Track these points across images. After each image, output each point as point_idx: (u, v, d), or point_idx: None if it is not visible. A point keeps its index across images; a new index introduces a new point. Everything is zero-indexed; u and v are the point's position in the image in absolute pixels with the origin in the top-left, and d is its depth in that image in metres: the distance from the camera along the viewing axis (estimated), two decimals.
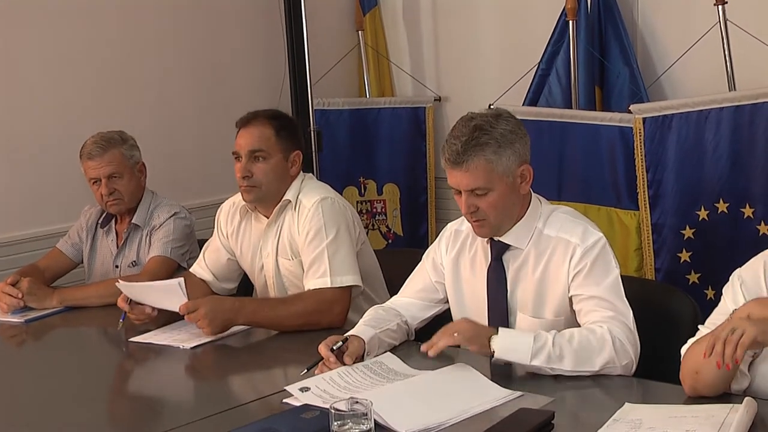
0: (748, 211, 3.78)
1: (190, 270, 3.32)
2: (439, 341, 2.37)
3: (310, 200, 3.04)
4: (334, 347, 2.46)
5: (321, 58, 4.94)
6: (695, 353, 2.12)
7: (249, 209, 3.19)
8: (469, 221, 2.54)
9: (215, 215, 3.35)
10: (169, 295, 2.91)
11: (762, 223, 3.76)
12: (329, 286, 2.95)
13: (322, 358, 2.45)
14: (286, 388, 2.30)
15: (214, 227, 3.33)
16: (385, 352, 2.57)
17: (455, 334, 2.36)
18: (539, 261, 2.53)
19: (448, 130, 2.54)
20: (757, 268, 2.20)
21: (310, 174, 3.24)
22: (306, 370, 2.43)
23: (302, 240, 3.03)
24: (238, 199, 3.23)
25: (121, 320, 3.03)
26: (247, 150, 3.04)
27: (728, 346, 1.96)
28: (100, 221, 3.63)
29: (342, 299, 2.96)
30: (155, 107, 4.55)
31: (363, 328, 2.60)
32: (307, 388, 2.29)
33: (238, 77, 4.85)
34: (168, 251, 3.46)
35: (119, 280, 3.08)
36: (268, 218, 3.14)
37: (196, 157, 4.71)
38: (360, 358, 2.50)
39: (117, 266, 3.57)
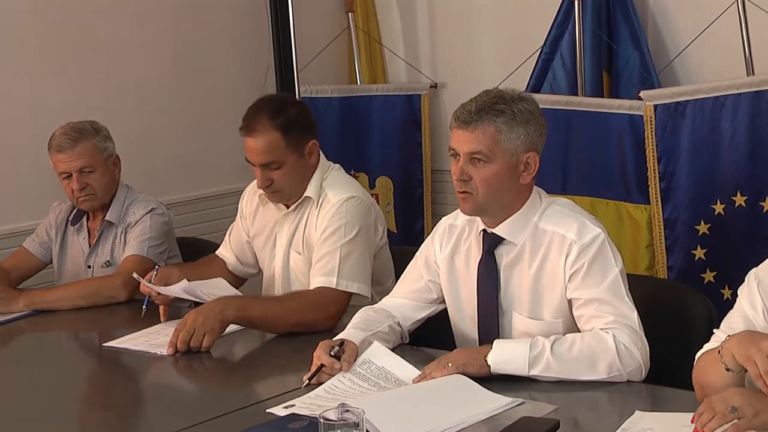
0: (767, 205, 3.78)
1: (216, 253, 3.40)
2: (432, 373, 2.37)
3: (337, 196, 3.09)
4: (332, 353, 2.45)
5: (308, 42, 4.92)
6: (699, 367, 2.13)
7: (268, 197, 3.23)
8: (456, 191, 2.53)
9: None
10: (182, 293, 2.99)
11: None
12: (333, 286, 2.98)
13: (321, 366, 2.44)
14: (270, 410, 2.27)
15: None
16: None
17: (449, 365, 2.37)
18: (534, 257, 2.53)
19: (444, 119, 2.56)
20: None
21: (338, 165, 3.26)
22: (308, 382, 2.41)
23: (318, 234, 3.07)
24: None
25: (144, 306, 3.07)
26: (258, 163, 3.06)
27: (717, 421, 1.85)
28: (70, 218, 3.62)
29: (340, 302, 2.98)
30: (129, 96, 4.53)
31: (352, 331, 2.59)
32: (292, 405, 2.28)
33: (220, 63, 4.84)
34: (144, 250, 3.46)
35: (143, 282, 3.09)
36: (288, 207, 3.17)
37: (174, 149, 4.69)
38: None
39: (89, 266, 3.56)
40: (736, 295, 2.26)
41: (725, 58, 4.04)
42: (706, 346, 2.20)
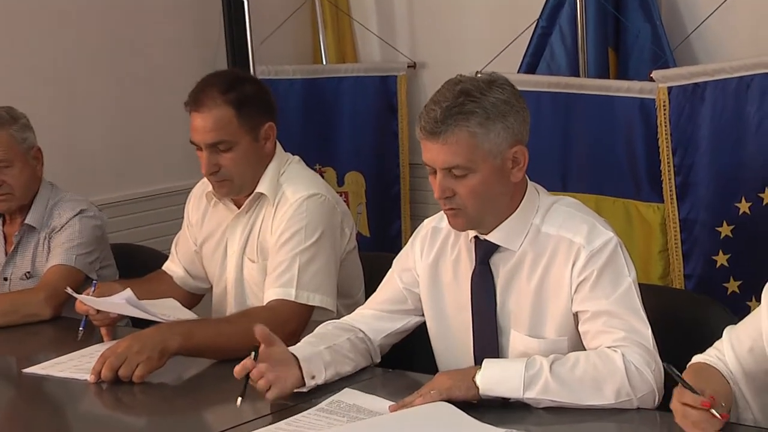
0: None
1: (163, 268, 3.38)
2: (414, 402, 2.37)
3: (296, 194, 3.08)
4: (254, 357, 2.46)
5: (265, 15, 4.92)
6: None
7: (216, 196, 3.21)
8: (442, 208, 2.53)
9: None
10: (127, 309, 2.95)
11: None
12: (291, 299, 2.97)
13: (247, 376, 2.44)
14: None
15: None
16: (340, 376, 2.58)
17: (432, 392, 2.37)
18: (536, 265, 2.53)
19: (425, 103, 2.54)
20: None
21: (297, 157, 3.25)
22: (240, 399, 2.43)
23: (275, 239, 3.06)
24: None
25: (81, 328, 3.04)
26: (206, 142, 3.04)
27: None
28: None
29: (300, 317, 2.97)
30: (53, 78, 4.50)
31: (301, 344, 2.60)
32: None
33: (161, 39, 4.83)
34: (72, 259, 3.44)
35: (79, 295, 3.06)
36: (239, 206, 3.16)
37: (107, 141, 4.67)
38: (300, 383, 2.50)
39: (5, 279, 3.54)
40: None
41: (751, 32, 4.06)
42: (704, 355, 2.29)
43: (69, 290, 3.11)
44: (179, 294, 3.31)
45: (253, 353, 2.47)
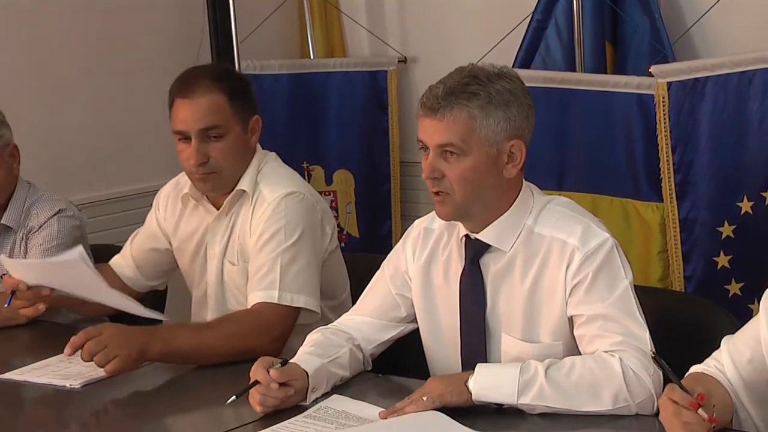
0: None
1: (110, 263, 3.36)
2: (405, 408, 2.37)
3: (273, 193, 3.07)
4: (270, 369, 2.44)
5: (251, 7, 4.92)
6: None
7: (194, 198, 3.19)
8: (430, 192, 2.54)
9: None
10: (72, 274, 2.94)
11: None
12: (275, 301, 2.97)
13: (254, 382, 2.44)
14: None
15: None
16: (333, 386, 2.57)
17: (424, 398, 2.37)
18: (529, 267, 2.53)
19: (416, 99, 2.55)
20: None
21: (274, 153, 3.26)
22: (235, 397, 2.43)
23: (254, 240, 3.06)
24: (183, 180, 3.25)
25: (6, 304, 3.04)
26: (197, 128, 3.03)
27: None
28: None
29: (286, 320, 2.97)
30: (32, 74, 4.49)
31: (306, 356, 2.58)
32: None
33: (142, 32, 4.82)
34: None
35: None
36: (217, 208, 3.15)
37: (87, 139, 4.67)
38: (303, 397, 2.49)
39: None
40: None
41: (753, 26, 4.06)
42: (703, 365, 2.30)
43: (4, 259, 3.10)
44: (124, 292, 3.26)
45: (277, 364, 2.47)
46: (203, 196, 3.18)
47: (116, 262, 3.38)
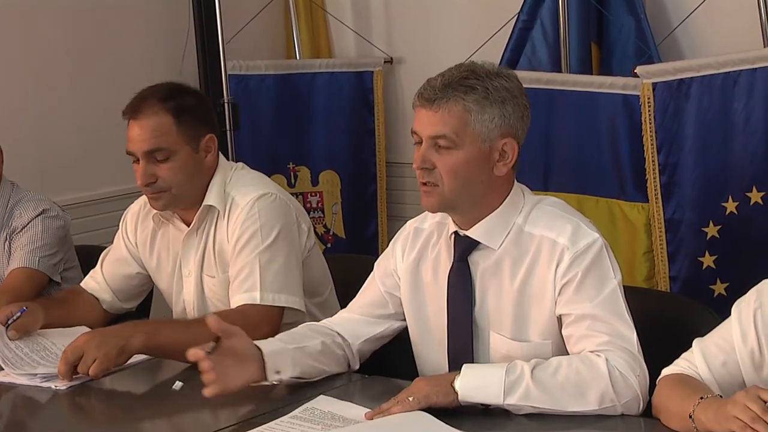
0: None
1: (81, 284, 3.31)
2: (391, 409, 2.37)
3: (246, 197, 3.06)
4: (208, 350, 2.45)
5: (236, 8, 4.91)
6: (665, 394, 2.24)
7: (163, 217, 3.18)
8: (419, 182, 2.54)
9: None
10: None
11: None
12: (257, 302, 2.96)
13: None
14: None
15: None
16: (311, 378, 2.59)
17: (410, 399, 2.37)
18: (518, 266, 2.53)
19: (402, 101, 2.56)
20: None
21: (241, 164, 3.25)
22: (180, 384, 2.46)
23: (231, 246, 3.05)
24: None
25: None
26: (142, 150, 3.02)
27: None
28: None
29: (272, 320, 2.96)
30: (17, 75, 4.48)
31: (268, 340, 2.60)
32: None
33: (128, 36, 4.81)
34: (35, 261, 3.43)
35: None
36: (188, 225, 3.13)
37: (72, 140, 4.65)
38: (260, 377, 2.51)
39: None
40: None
41: (737, 27, 4.07)
42: (675, 366, 2.31)
43: None
44: (98, 316, 3.23)
45: (212, 344, 2.47)
46: (174, 214, 3.17)
47: (91, 286, 3.30)
